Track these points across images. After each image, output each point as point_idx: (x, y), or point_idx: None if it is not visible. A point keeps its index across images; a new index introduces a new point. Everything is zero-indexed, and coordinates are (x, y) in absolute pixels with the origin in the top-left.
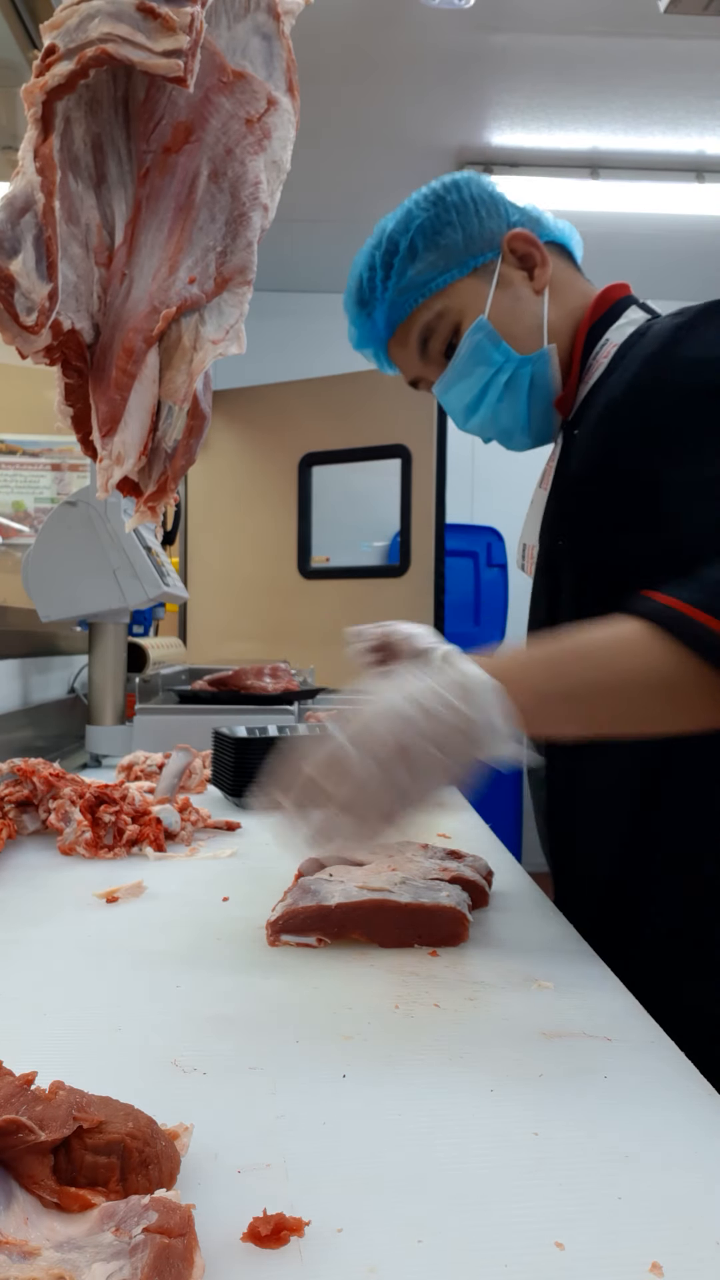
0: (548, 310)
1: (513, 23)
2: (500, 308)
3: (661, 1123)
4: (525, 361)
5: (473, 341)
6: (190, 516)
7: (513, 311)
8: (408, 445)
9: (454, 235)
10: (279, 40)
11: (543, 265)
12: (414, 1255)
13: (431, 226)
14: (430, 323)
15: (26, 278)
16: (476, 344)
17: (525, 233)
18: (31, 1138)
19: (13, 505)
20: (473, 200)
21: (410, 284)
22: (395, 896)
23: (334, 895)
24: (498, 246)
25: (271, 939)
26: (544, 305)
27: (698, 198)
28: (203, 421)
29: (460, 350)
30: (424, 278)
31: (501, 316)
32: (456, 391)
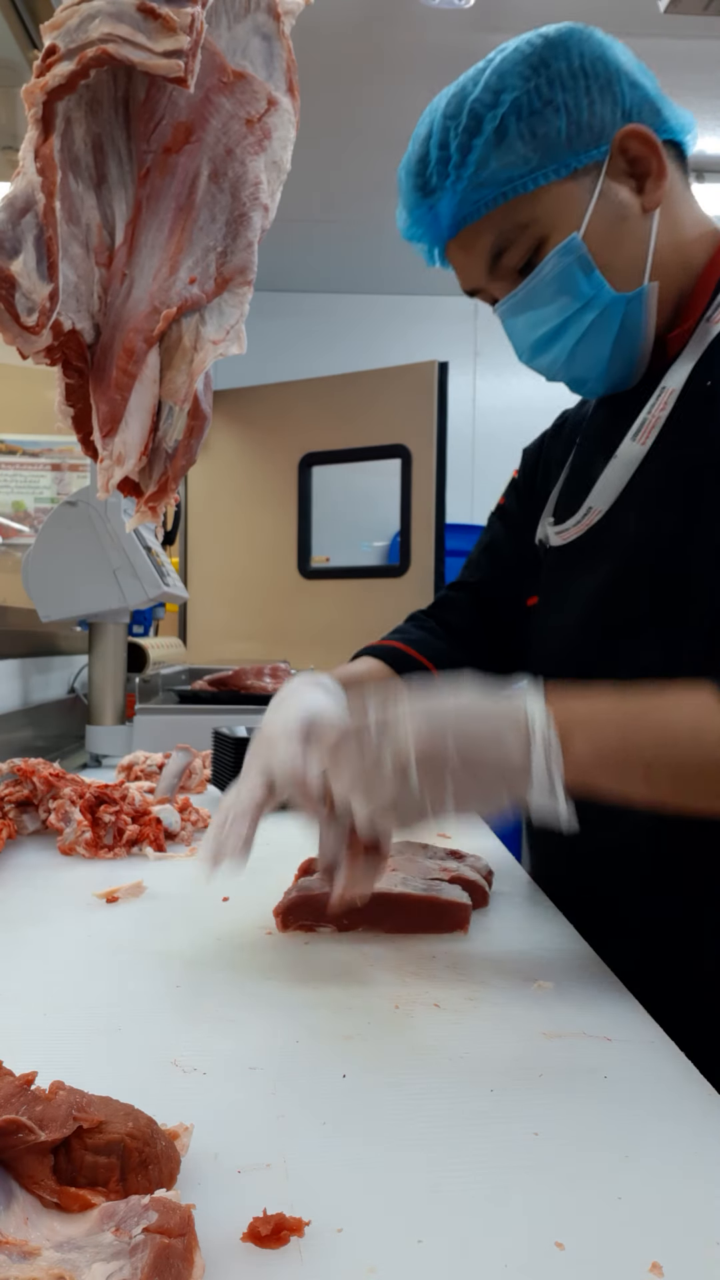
0: (656, 235)
1: (513, 23)
2: (600, 226)
3: (661, 1123)
4: (620, 300)
5: (560, 265)
6: (190, 516)
7: (614, 233)
8: (408, 445)
9: (556, 121)
10: (279, 40)
11: (659, 176)
12: (414, 1255)
13: (529, 105)
14: (509, 232)
15: (27, 278)
16: (564, 269)
17: (643, 130)
18: (31, 1138)
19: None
20: (585, 72)
21: (491, 178)
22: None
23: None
24: (607, 143)
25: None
26: (653, 229)
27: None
28: (203, 421)
29: (542, 272)
30: (510, 172)
31: (600, 238)
32: (527, 320)
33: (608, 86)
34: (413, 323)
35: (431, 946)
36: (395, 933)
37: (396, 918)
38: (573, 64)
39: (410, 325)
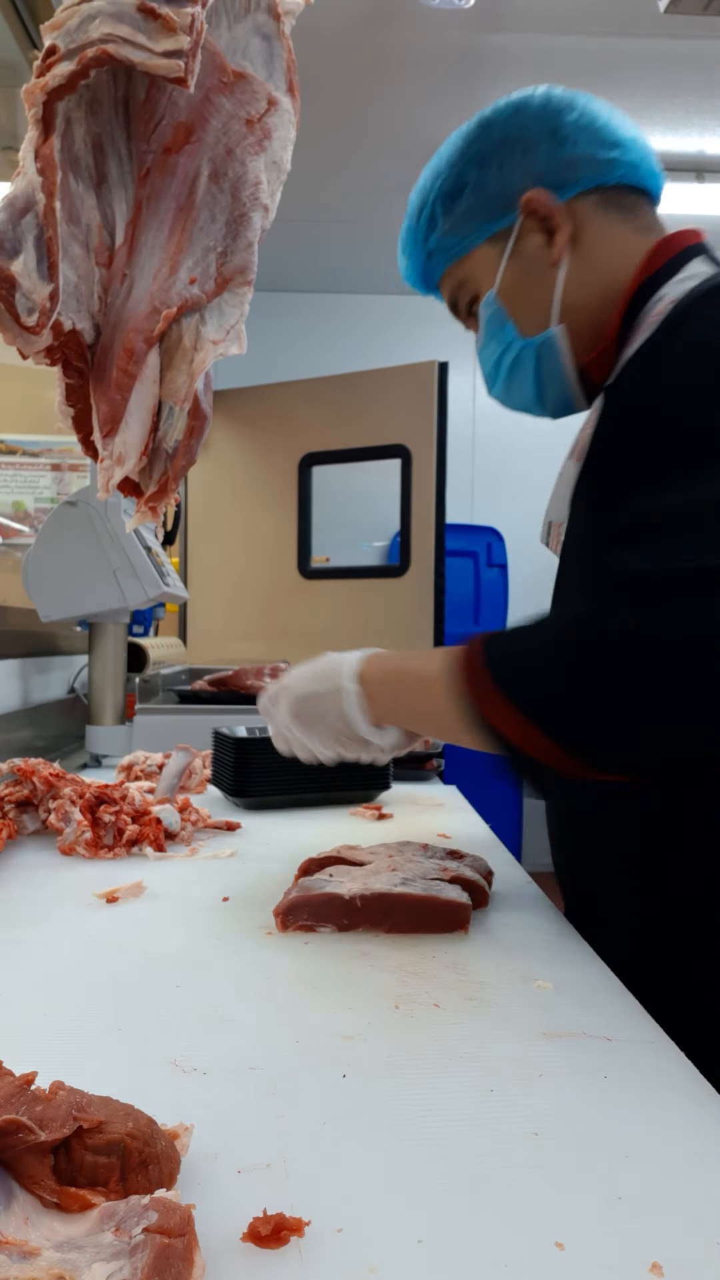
0: (565, 280)
1: (513, 23)
2: (511, 282)
3: (661, 1123)
4: (530, 344)
5: (485, 316)
6: (190, 516)
7: (523, 286)
8: (408, 445)
9: (471, 198)
10: (279, 40)
11: (561, 230)
12: (414, 1255)
13: (451, 189)
14: (454, 291)
15: (27, 278)
16: (488, 320)
17: (540, 195)
18: (31, 1138)
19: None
20: (500, 148)
21: (436, 248)
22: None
23: (343, 888)
24: (516, 208)
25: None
26: (559, 278)
27: (698, 198)
28: (203, 421)
29: (479, 321)
30: (446, 243)
31: (511, 292)
32: (481, 357)
33: (524, 155)
34: (413, 323)
35: (431, 946)
36: (395, 933)
37: (396, 918)
38: (491, 142)
39: (410, 325)
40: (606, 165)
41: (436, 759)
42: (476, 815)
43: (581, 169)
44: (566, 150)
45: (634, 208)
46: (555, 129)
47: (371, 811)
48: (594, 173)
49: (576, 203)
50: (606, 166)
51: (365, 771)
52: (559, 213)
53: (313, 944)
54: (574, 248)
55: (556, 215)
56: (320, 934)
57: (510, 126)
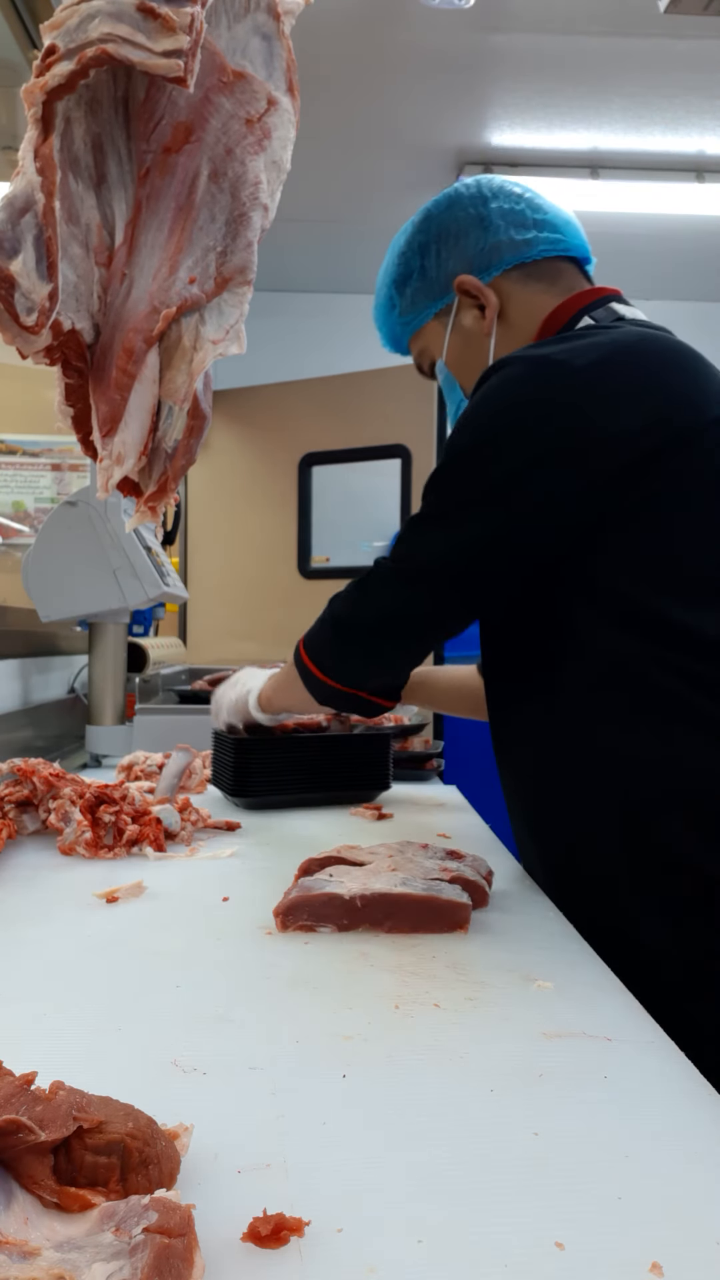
0: (495, 346)
1: (513, 23)
2: (454, 350)
3: (661, 1123)
4: None
5: (440, 379)
6: (190, 516)
7: (464, 354)
8: (408, 445)
9: (417, 282)
10: (279, 40)
11: (489, 306)
12: (414, 1255)
13: (401, 275)
14: (417, 356)
15: (27, 278)
16: (443, 381)
17: (468, 280)
18: (31, 1138)
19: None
20: (438, 238)
21: (398, 322)
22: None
23: (343, 888)
24: (452, 289)
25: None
26: (491, 345)
27: (698, 198)
28: (203, 421)
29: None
30: (404, 319)
31: (455, 359)
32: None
33: (456, 243)
34: None
35: (431, 946)
36: (395, 933)
37: (397, 918)
38: (430, 234)
39: None
40: (525, 244)
41: (436, 759)
42: (476, 815)
43: (504, 251)
44: (490, 236)
45: (556, 275)
46: (482, 217)
47: (371, 811)
48: (515, 253)
49: (501, 279)
50: (525, 245)
51: (365, 771)
52: (485, 292)
53: (313, 944)
54: (501, 318)
55: (483, 294)
56: (320, 934)
57: (445, 218)
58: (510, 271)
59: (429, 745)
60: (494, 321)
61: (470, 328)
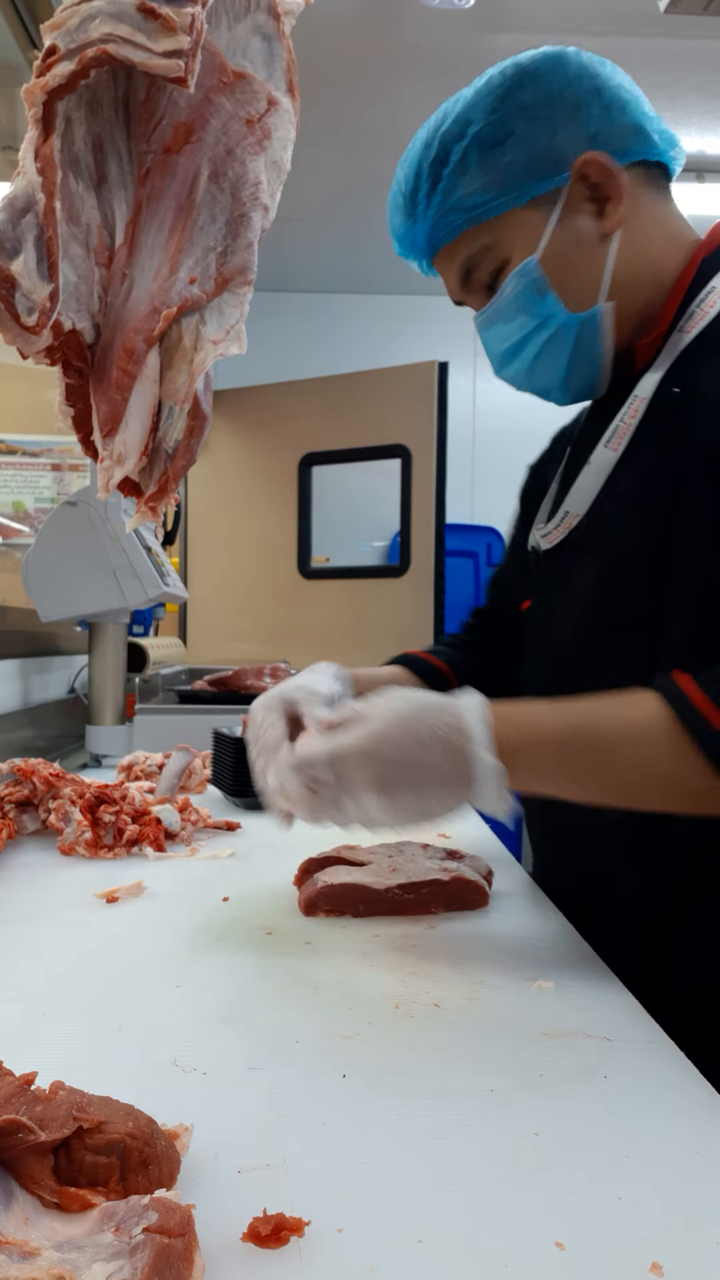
0: (615, 256)
1: (513, 23)
2: (557, 250)
3: (661, 1123)
4: (572, 321)
5: (517, 286)
6: (190, 516)
7: (571, 256)
8: (408, 445)
9: (516, 151)
10: (279, 40)
11: (617, 201)
12: (414, 1255)
13: (491, 137)
14: (475, 255)
15: (27, 278)
16: (521, 290)
17: (600, 159)
18: (31, 1138)
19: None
20: (549, 102)
21: (457, 204)
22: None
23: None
24: (568, 169)
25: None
26: (610, 252)
27: (698, 198)
28: (203, 422)
29: (503, 292)
30: (474, 199)
31: (556, 261)
32: (495, 333)
33: (574, 114)
34: (413, 323)
35: (432, 947)
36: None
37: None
38: (538, 94)
39: (410, 325)
40: (650, 139)
41: None
42: (477, 815)
43: (630, 138)
44: (615, 115)
45: (667, 191)
46: (599, 90)
47: None
48: (640, 144)
49: (628, 173)
50: (649, 140)
51: None
52: (618, 180)
53: (313, 944)
54: (625, 223)
55: (614, 183)
56: (322, 932)
57: (556, 79)
58: (635, 167)
59: None
60: (620, 221)
61: (583, 225)
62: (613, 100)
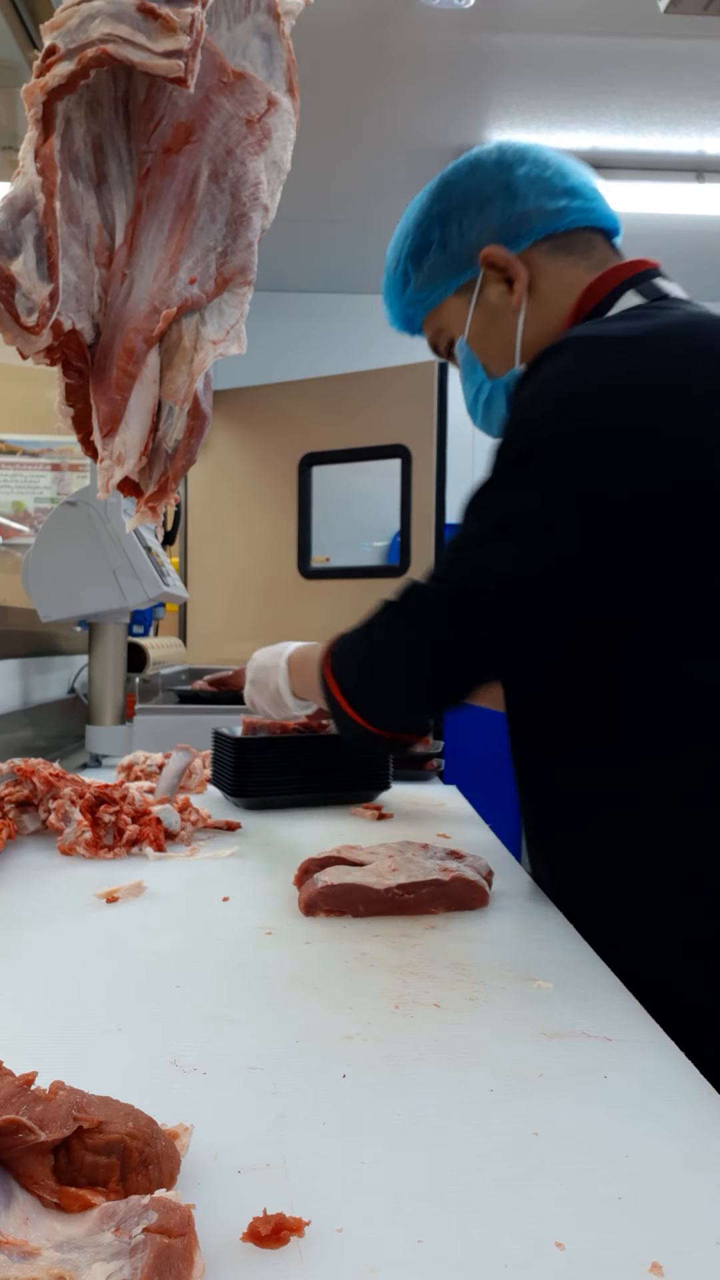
0: (525, 324)
1: (513, 23)
2: (478, 328)
3: (661, 1123)
4: (498, 384)
5: (460, 359)
6: (190, 516)
7: (489, 332)
8: (408, 445)
9: (436, 255)
10: (279, 40)
11: (519, 279)
12: (414, 1255)
13: (417, 247)
14: (433, 336)
15: (27, 278)
16: (462, 362)
17: (496, 251)
18: (31, 1138)
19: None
20: (461, 206)
21: (410, 300)
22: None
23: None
24: (478, 262)
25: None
26: (519, 322)
27: (698, 198)
28: (203, 422)
29: (456, 363)
30: (419, 296)
31: (479, 337)
32: (464, 391)
33: (481, 212)
34: None
35: (431, 946)
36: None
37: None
38: (451, 202)
39: None
40: (556, 214)
41: (436, 759)
42: (476, 815)
43: (533, 220)
44: (518, 205)
45: (588, 247)
46: (507, 184)
47: (371, 811)
48: (545, 223)
49: (531, 251)
50: (556, 215)
51: (365, 771)
52: (515, 264)
53: (313, 944)
54: (531, 292)
55: (513, 266)
56: (322, 932)
57: (467, 185)
58: (540, 243)
59: (429, 745)
60: (524, 296)
61: (496, 303)
62: (518, 191)
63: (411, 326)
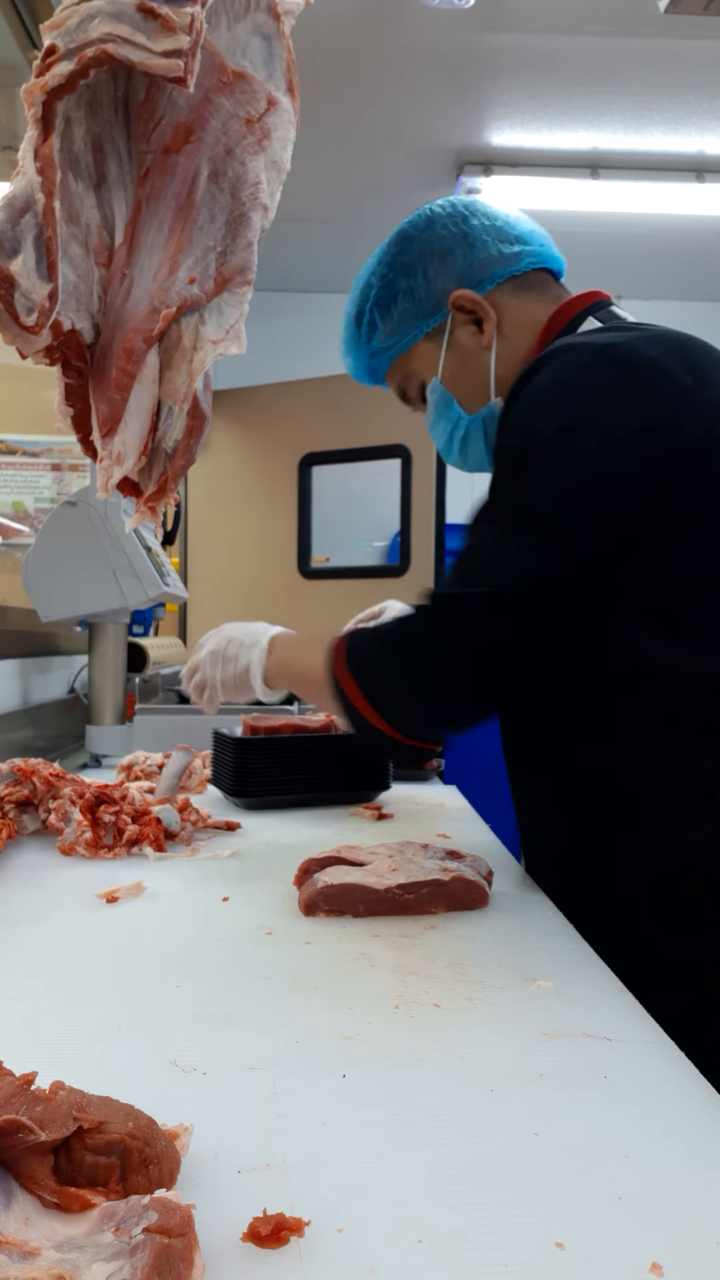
0: (496, 360)
1: (513, 23)
2: (451, 368)
3: (661, 1123)
4: (476, 419)
5: (432, 401)
6: (190, 516)
7: (462, 371)
8: (408, 445)
9: (405, 303)
10: (279, 40)
11: (488, 319)
12: (414, 1255)
13: (385, 296)
14: (401, 381)
15: (27, 278)
16: (434, 403)
17: (465, 294)
18: (32, 1138)
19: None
20: (422, 257)
21: (379, 349)
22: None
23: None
24: (446, 305)
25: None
26: (491, 359)
27: (698, 198)
28: (203, 421)
29: (427, 406)
30: (388, 343)
31: (452, 377)
32: (434, 433)
33: (444, 261)
34: None
35: (431, 946)
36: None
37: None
38: (413, 253)
39: None
40: (514, 257)
41: (436, 759)
42: (476, 815)
43: (494, 265)
44: (479, 252)
45: (543, 286)
46: (465, 234)
47: (371, 811)
48: (504, 266)
49: (494, 293)
50: (514, 259)
51: (365, 771)
52: (484, 305)
53: (313, 944)
54: (499, 330)
55: (481, 308)
56: (322, 932)
57: (427, 238)
58: (501, 285)
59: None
60: (494, 335)
61: (467, 344)
62: (476, 240)
63: (375, 377)
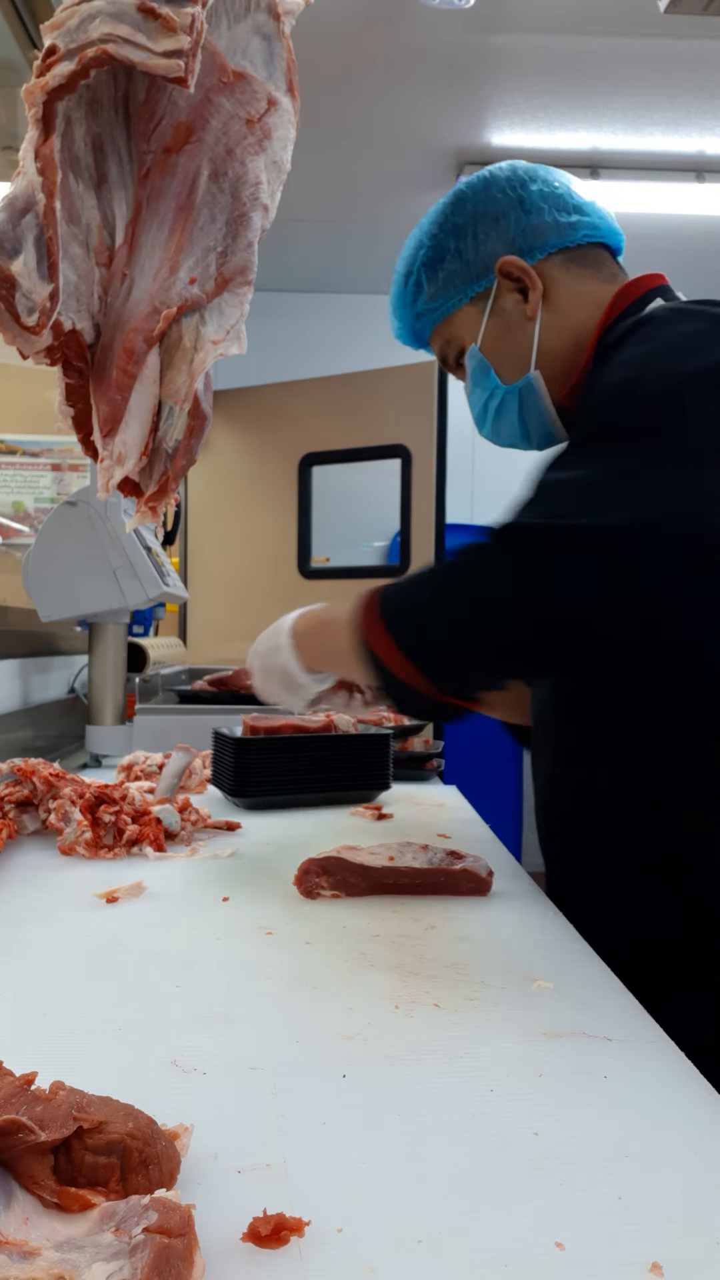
0: (540, 331)
1: (513, 23)
2: (492, 336)
3: (661, 1123)
4: (512, 390)
5: (470, 367)
6: (190, 516)
7: (503, 339)
8: (408, 445)
9: (452, 265)
10: (279, 40)
11: (534, 289)
12: (414, 1255)
13: (433, 257)
14: (443, 346)
15: (28, 278)
16: (472, 370)
17: (513, 260)
18: (31, 1138)
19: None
20: (474, 219)
21: (422, 310)
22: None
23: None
24: (494, 271)
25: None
26: (535, 330)
27: (698, 198)
28: (203, 421)
29: (467, 370)
30: (431, 305)
31: (492, 345)
32: (470, 401)
33: (495, 225)
34: None
35: (432, 946)
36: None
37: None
38: (466, 214)
39: None
40: (569, 228)
41: (436, 759)
42: (476, 815)
43: (547, 233)
44: (532, 218)
45: (598, 261)
46: (521, 199)
47: (371, 811)
48: (558, 236)
49: (545, 263)
50: (569, 229)
51: (365, 771)
52: (530, 273)
53: (313, 944)
54: (546, 302)
55: (528, 276)
56: (322, 933)
57: (482, 199)
58: (553, 255)
59: (429, 745)
60: (539, 305)
61: (511, 311)
62: (532, 206)
63: (419, 339)
